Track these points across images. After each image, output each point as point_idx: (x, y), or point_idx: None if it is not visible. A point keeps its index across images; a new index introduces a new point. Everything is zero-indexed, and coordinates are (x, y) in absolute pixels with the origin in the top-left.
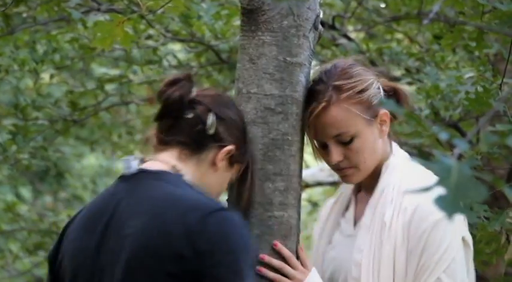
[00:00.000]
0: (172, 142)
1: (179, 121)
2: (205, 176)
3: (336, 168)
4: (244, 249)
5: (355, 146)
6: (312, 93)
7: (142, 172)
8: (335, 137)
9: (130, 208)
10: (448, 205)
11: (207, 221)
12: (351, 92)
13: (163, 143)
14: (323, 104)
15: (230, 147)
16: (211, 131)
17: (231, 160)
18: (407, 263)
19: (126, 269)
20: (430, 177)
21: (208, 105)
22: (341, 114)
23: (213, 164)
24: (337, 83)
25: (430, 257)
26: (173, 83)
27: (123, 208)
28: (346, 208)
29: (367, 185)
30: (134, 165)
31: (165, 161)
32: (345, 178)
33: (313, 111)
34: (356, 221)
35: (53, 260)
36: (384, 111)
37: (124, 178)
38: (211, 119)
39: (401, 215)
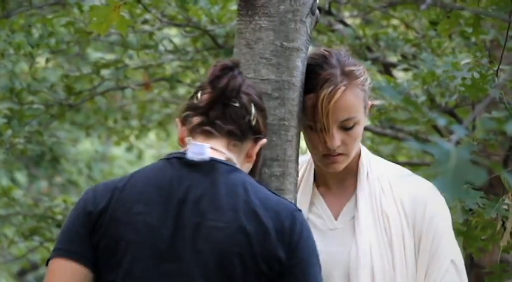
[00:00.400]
0: (222, 131)
1: (228, 109)
2: (241, 168)
3: (329, 154)
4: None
5: (355, 132)
6: (324, 77)
7: (214, 162)
8: (342, 122)
9: (212, 199)
10: (448, 188)
11: (295, 221)
12: (361, 78)
13: (215, 130)
14: (342, 87)
15: (265, 140)
16: (254, 122)
17: (259, 152)
18: (416, 250)
19: (219, 263)
20: (400, 167)
21: (250, 94)
22: (353, 99)
23: (249, 155)
24: (348, 68)
25: (442, 243)
26: (226, 69)
27: (201, 197)
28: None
29: (334, 177)
30: (208, 153)
31: (219, 151)
32: (333, 165)
33: (333, 94)
34: (335, 214)
35: (93, 222)
36: (370, 103)
37: (189, 163)
38: (253, 109)
39: (399, 204)
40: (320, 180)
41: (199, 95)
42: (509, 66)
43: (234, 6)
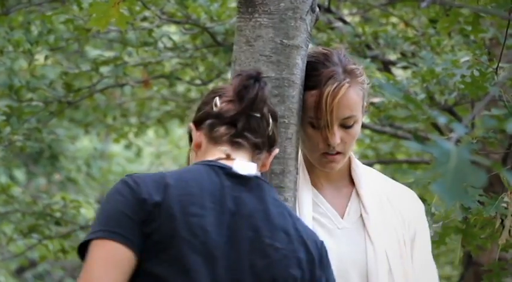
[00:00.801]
0: (249, 142)
1: (251, 120)
2: None
3: (328, 152)
4: None
5: (354, 131)
6: (327, 74)
7: (258, 179)
8: (344, 119)
9: (264, 216)
10: (447, 190)
11: (326, 251)
12: (362, 77)
13: (244, 142)
14: (346, 84)
15: (278, 150)
16: (271, 133)
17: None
18: (412, 251)
19: (272, 280)
20: (383, 175)
21: (269, 104)
22: (355, 97)
23: (263, 165)
24: (350, 67)
25: (429, 255)
26: (252, 79)
27: (253, 212)
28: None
29: (327, 177)
30: (254, 170)
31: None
32: (330, 164)
33: (338, 90)
34: (340, 214)
35: (147, 212)
36: (366, 104)
37: (234, 175)
38: (271, 119)
39: (396, 209)
40: (313, 180)
41: (218, 102)
42: (509, 64)
43: (233, 4)
